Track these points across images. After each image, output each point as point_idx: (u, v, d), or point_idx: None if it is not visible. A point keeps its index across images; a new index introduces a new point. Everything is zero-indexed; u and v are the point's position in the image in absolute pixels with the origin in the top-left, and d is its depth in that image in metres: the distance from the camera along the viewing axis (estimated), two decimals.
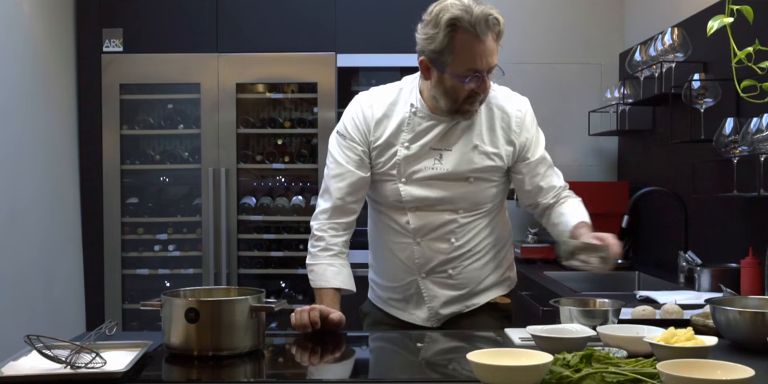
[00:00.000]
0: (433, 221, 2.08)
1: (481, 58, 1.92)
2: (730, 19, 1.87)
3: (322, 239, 2.10)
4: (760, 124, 2.45)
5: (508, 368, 1.37)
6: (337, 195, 2.09)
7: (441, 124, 2.05)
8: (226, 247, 4.17)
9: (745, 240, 2.80)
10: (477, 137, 2.07)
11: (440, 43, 1.91)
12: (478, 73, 1.94)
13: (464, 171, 2.06)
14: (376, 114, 2.09)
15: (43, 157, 3.84)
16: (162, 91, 4.32)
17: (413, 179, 2.07)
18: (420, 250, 2.10)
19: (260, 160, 4.26)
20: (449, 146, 2.06)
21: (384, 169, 2.09)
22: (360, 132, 2.10)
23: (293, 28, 4.20)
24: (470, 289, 2.14)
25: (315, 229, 2.13)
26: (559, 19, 4.32)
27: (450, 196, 2.07)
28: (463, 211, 2.09)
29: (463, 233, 2.10)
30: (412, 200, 2.07)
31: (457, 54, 1.92)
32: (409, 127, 2.06)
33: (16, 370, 1.52)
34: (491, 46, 1.93)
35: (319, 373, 1.75)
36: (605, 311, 1.83)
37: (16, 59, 3.59)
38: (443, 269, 2.11)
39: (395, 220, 2.11)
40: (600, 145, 4.34)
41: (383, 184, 2.10)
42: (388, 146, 2.08)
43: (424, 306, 2.14)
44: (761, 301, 1.86)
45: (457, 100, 1.99)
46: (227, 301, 1.73)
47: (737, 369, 1.31)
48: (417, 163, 2.06)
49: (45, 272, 3.80)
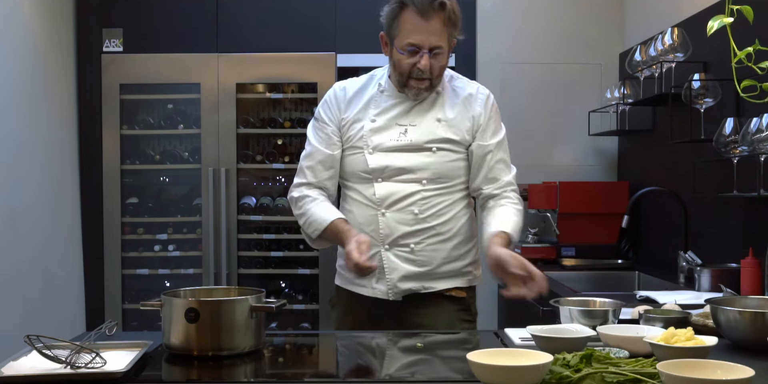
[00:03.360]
0: (397, 191, 2.19)
1: (420, 35, 2.09)
2: (730, 19, 1.87)
3: (305, 197, 2.25)
4: (760, 124, 2.44)
5: (508, 368, 1.37)
6: (309, 172, 2.27)
7: (406, 102, 2.23)
8: (226, 247, 4.17)
9: (745, 240, 2.80)
10: (440, 112, 2.23)
11: (390, 17, 2.14)
12: (417, 48, 2.11)
13: (427, 141, 2.19)
14: (348, 94, 2.28)
15: (43, 157, 3.83)
16: (162, 91, 4.32)
17: (379, 149, 2.20)
18: (385, 221, 2.19)
19: (260, 160, 4.27)
20: (414, 122, 2.22)
21: (353, 142, 2.24)
22: (331, 111, 2.27)
23: (293, 28, 4.20)
24: (429, 268, 2.20)
25: (294, 195, 2.28)
26: (559, 19, 4.32)
27: (413, 165, 2.19)
28: (426, 181, 2.19)
29: (426, 206, 2.19)
30: (378, 168, 2.19)
31: (401, 28, 2.11)
32: (376, 103, 2.24)
33: (16, 370, 1.52)
34: (435, 27, 2.10)
35: (319, 373, 1.75)
36: (605, 311, 1.83)
37: (16, 59, 3.59)
38: (406, 243, 2.19)
39: (362, 193, 2.23)
40: (600, 145, 4.34)
41: (352, 157, 2.24)
42: (357, 121, 2.24)
43: (384, 278, 2.20)
44: (761, 301, 1.86)
45: (403, 74, 2.16)
46: (227, 301, 1.73)
47: (737, 369, 1.31)
48: (382, 135, 2.21)
49: (45, 272, 3.80)
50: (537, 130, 4.29)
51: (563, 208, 3.89)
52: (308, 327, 4.25)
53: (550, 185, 3.97)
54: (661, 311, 1.94)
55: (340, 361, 1.85)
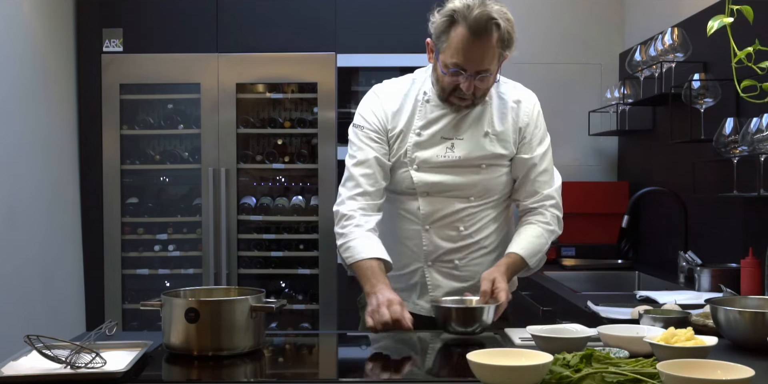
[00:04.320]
0: (443, 208, 2.10)
1: (467, 56, 1.96)
2: (730, 19, 1.87)
3: (352, 218, 2.07)
4: (760, 124, 2.45)
5: (508, 368, 1.37)
6: (363, 181, 2.09)
7: (452, 113, 2.10)
8: (226, 247, 4.17)
9: (745, 240, 2.80)
10: (488, 125, 2.11)
11: (439, 29, 1.98)
12: (461, 70, 1.98)
13: (476, 157, 2.09)
14: (393, 104, 2.14)
15: (43, 157, 3.83)
16: (162, 91, 4.32)
17: (425, 166, 2.09)
18: (428, 237, 2.11)
19: (260, 160, 4.26)
20: (460, 135, 2.10)
21: (397, 156, 2.12)
22: (378, 120, 2.13)
23: (293, 28, 4.20)
24: (473, 282, 2.12)
25: (343, 211, 2.09)
26: (559, 19, 4.32)
27: (462, 182, 2.10)
28: (474, 198, 2.11)
29: (472, 222, 2.12)
30: (424, 186, 2.09)
31: (448, 45, 1.97)
32: (421, 114, 2.11)
33: (16, 370, 1.52)
34: (486, 49, 1.95)
35: (318, 373, 1.75)
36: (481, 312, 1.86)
37: (16, 59, 3.59)
38: (450, 259, 2.12)
39: (406, 207, 2.13)
40: (600, 145, 4.34)
41: (396, 171, 2.13)
42: (401, 134, 2.11)
43: (426, 295, 2.13)
44: (761, 301, 1.86)
45: (444, 89, 2.05)
46: (227, 301, 1.73)
47: (737, 369, 1.31)
48: (428, 151, 2.09)
49: (45, 272, 3.80)
50: None
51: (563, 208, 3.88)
52: (308, 327, 4.25)
53: None
54: (661, 311, 1.94)
55: (340, 361, 1.85)
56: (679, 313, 1.90)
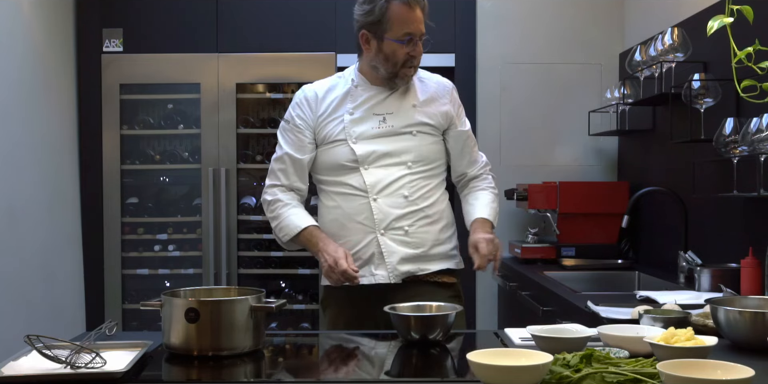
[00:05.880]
0: (386, 176, 2.30)
1: (413, 24, 2.26)
2: (730, 19, 1.87)
3: (278, 201, 2.37)
4: (760, 124, 2.44)
5: (508, 368, 1.37)
6: (281, 175, 2.38)
7: (380, 93, 2.36)
8: (226, 247, 4.17)
9: (745, 240, 2.79)
10: (414, 99, 2.37)
11: (378, 14, 2.26)
12: (413, 37, 2.26)
13: (407, 125, 2.33)
14: (320, 94, 2.39)
15: (43, 156, 3.83)
16: (162, 91, 4.32)
17: (362, 138, 2.31)
18: (377, 206, 2.29)
19: (260, 160, 4.27)
20: (390, 110, 2.35)
21: (333, 136, 2.33)
22: (303, 112, 2.38)
23: (293, 28, 4.20)
24: (423, 250, 2.31)
25: (269, 198, 2.38)
26: (559, 19, 4.32)
27: (397, 148, 2.31)
28: (411, 164, 2.32)
29: (415, 189, 2.32)
30: (364, 155, 2.30)
31: (394, 21, 2.26)
32: (352, 98, 2.35)
33: (16, 370, 1.52)
34: (420, 16, 2.28)
35: (319, 373, 1.75)
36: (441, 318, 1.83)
37: (16, 59, 3.59)
38: (400, 226, 2.30)
39: (351, 183, 2.32)
40: (600, 145, 4.34)
41: (336, 149, 2.33)
42: (335, 117, 2.34)
43: (384, 263, 2.29)
44: (761, 301, 1.86)
45: (397, 64, 2.29)
46: (227, 301, 1.73)
47: (737, 369, 1.31)
48: (363, 125, 2.32)
49: (45, 272, 3.80)
50: (537, 130, 4.29)
51: (563, 208, 3.89)
52: (308, 327, 4.25)
53: (550, 185, 3.97)
54: (661, 311, 1.94)
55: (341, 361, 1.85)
56: (679, 313, 1.91)
